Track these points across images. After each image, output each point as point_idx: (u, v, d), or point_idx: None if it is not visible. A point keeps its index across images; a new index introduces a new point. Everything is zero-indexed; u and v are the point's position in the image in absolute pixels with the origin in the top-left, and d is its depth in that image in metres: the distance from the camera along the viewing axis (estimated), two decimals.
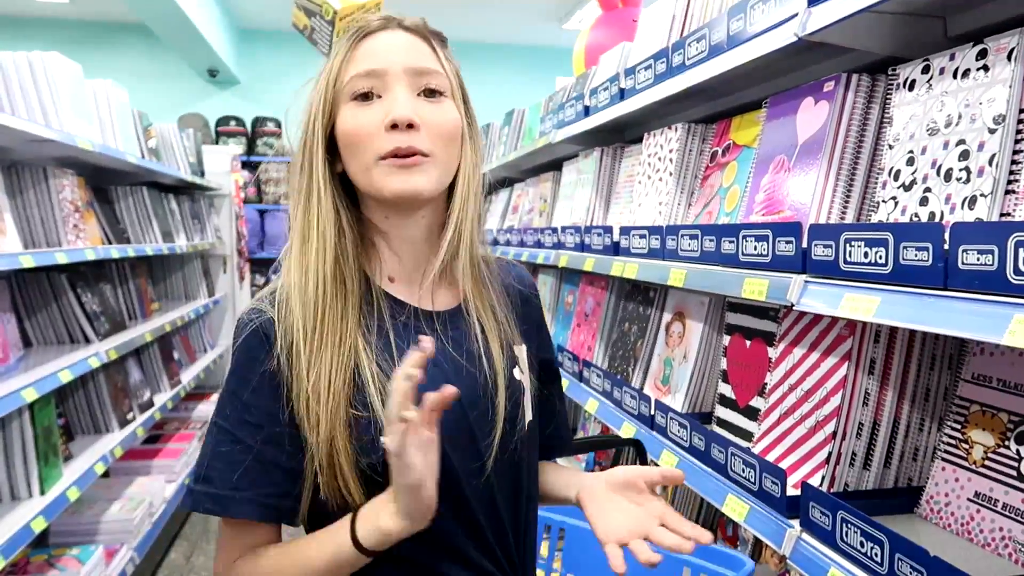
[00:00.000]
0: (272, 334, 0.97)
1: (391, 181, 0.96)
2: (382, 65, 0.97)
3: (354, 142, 0.98)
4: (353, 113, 0.98)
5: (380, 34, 1.01)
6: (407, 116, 0.95)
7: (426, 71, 0.99)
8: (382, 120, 0.96)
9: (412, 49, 1.00)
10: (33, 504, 2.32)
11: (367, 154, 0.97)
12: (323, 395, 0.93)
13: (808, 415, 1.38)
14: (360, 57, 0.99)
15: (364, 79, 0.98)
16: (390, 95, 0.97)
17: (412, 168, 0.96)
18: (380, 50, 0.99)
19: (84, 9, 7.59)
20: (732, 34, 1.48)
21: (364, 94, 0.98)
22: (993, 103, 1.03)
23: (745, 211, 1.55)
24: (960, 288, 0.90)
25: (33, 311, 2.97)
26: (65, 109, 2.82)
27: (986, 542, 1.13)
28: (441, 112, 0.99)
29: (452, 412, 0.91)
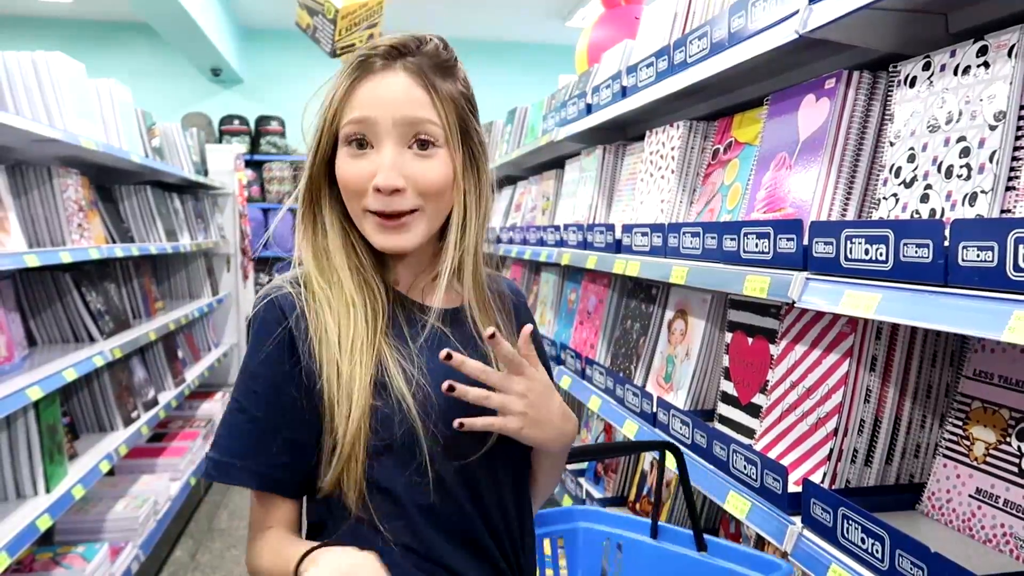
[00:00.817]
0: (288, 308, 1.00)
1: (378, 237, 1.01)
2: (374, 114, 0.99)
3: (346, 189, 1.02)
4: (346, 161, 1.01)
5: (380, 76, 1.01)
6: (390, 184, 0.98)
7: (418, 121, 0.99)
8: (370, 176, 0.99)
9: (407, 97, 1.00)
10: (38, 502, 2.33)
11: (357, 204, 1.02)
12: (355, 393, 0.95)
13: (810, 412, 1.38)
14: (358, 100, 1.00)
15: (357, 125, 1.00)
16: (380, 150, 0.99)
17: (398, 228, 1.01)
18: (375, 98, 1.00)
19: (87, 8, 7.60)
20: (733, 31, 1.48)
21: (358, 141, 1.00)
22: (994, 100, 1.03)
23: (747, 208, 1.56)
24: (960, 285, 0.90)
25: (38, 310, 2.98)
26: (69, 109, 2.82)
27: (987, 538, 1.13)
28: (430, 168, 1.00)
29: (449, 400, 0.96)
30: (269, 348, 0.98)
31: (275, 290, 1.02)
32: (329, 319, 0.99)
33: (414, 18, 7.99)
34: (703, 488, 1.49)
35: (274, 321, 0.99)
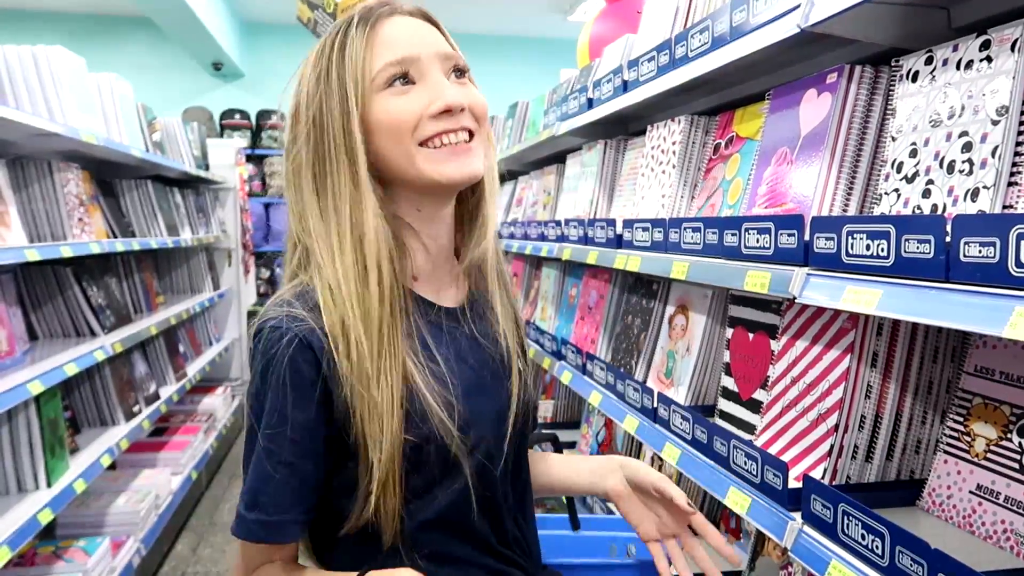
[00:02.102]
0: (316, 345, 0.92)
1: (446, 167, 0.95)
2: (414, 51, 0.95)
3: (397, 129, 0.94)
4: (393, 101, 0.95)
5: (393, 19, 0.98)
6: (461, 101, 0.95)
7: (451, 54, 0.99)
8: (426, 106, 0.94)
9: (429, 33, 0.99)
10: (40, 496, 2.33)
11: (410, 142, 0.95)
12: (386, 417, 0.91)
13: (810, 408, 1.38)
14: (383, 44, 0.95)
15: (398, 66, 0.95)
16: (430, 81, 0.96)
17: (465, 152, 0.96)
18: (403, 35, 0.97)
19: (88, 2, 7.59)
20: (735, 25, 1.48)
21: (402, 77, 0.95)
22: (996, 94, 1.02)
23: (748, 203, 1.55)
24: (962, 280, 0.89)
25: (39, 304, 2.98)
26: (69, 103, 2.82)
27: (988, 535, 1.13)
28: (475, 93, 1.00)
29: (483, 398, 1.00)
30: (307, 392, 0.91)
31: (294, 322, 0.92)
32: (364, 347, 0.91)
33: None
34: (703, 483, 1.49)
35: (305, 362, 0.91)
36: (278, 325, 0.92)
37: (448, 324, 1.03)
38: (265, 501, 0.92)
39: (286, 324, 0.92)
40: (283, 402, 0.91)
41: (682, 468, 1.57)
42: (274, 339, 0.92)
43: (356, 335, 0.91)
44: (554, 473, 1.22)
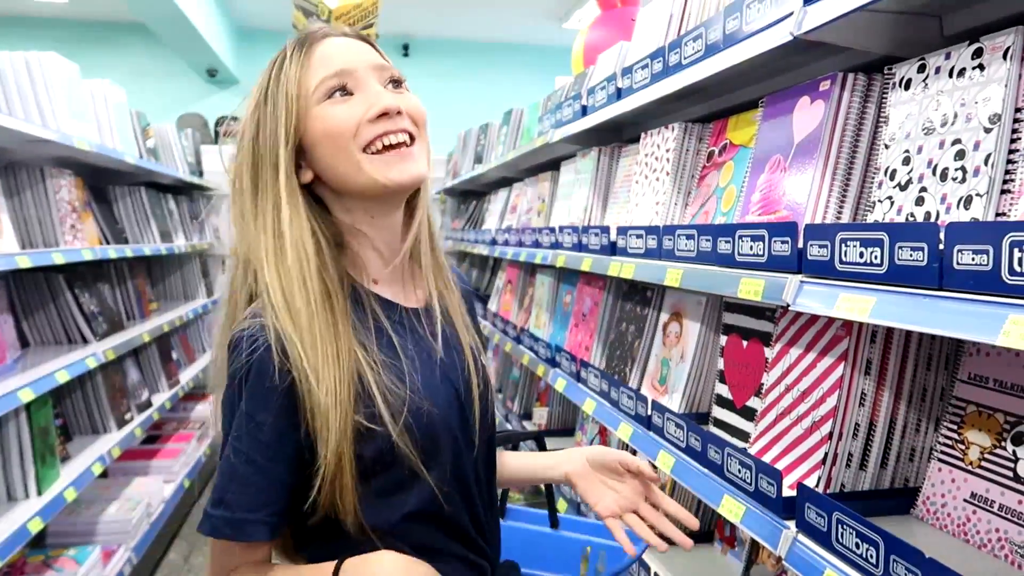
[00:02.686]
0: (281, 351, 0.95)
1: (390, 172, 0.99)
2: (349, 64, 1.00)
3: (339, 137, 0.98)
4: (331, 111, 0.99)
5: (328, 40, 1.03)
6: (396, 104, 0.99)
7: (386, 66, 1.04)
8: (364, 112, 0.98)
9: (365, 49, 1.04)
10: (30, 505, 2.31)
11: (354, 149, 0.98)
12: (332, 410, 0.93)
13: (804, 416, 1.37)
14: (319, 62, 1.00)
15: (335, 78, 0.99)
16: (366, 89, 1.00)
17: (408, 156, 1.00)
18: (338, 52, 1.02)
19: (82, 9, 7.59)
20: (728, 33, 1.48)
21: (340, 89, 1.00)
22: (989, 102, 1.02)
23: (741, 211, 1.55)
24: (955, 288, 0.89)
25: (30, 311, 2.97)
26: (62, 109, 2.81)
27: (982, 543, 1.12)
28: (413, 99, 1.04)
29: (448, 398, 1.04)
30: (272, 396, 0.94)
31: (260, 331, 0.96)
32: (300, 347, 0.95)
33: (409, 19, 8.00)
34: (698, 492, 1.48)
35: (272, 366, 0.94)
36: (250, 334, 0.96)
37: (413, 324, 1.07)
38: (231, 499, 0.95)
39: (255, 333, 0.96)
40: (251, 405, 0.95)
41: (676, 476, 1.57)
42: (244, 347, 0.96)
43: (291, 337, 0.95)
44: (514, 464, 1.27)
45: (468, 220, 5.01)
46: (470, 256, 5.28)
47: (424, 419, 0.99)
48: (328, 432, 0.93)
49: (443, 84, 8.74)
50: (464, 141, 4.98)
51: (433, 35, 8.62)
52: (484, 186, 4.73)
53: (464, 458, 1.05)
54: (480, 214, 4.70)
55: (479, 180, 4.43)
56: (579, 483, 1.18)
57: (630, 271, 1.84)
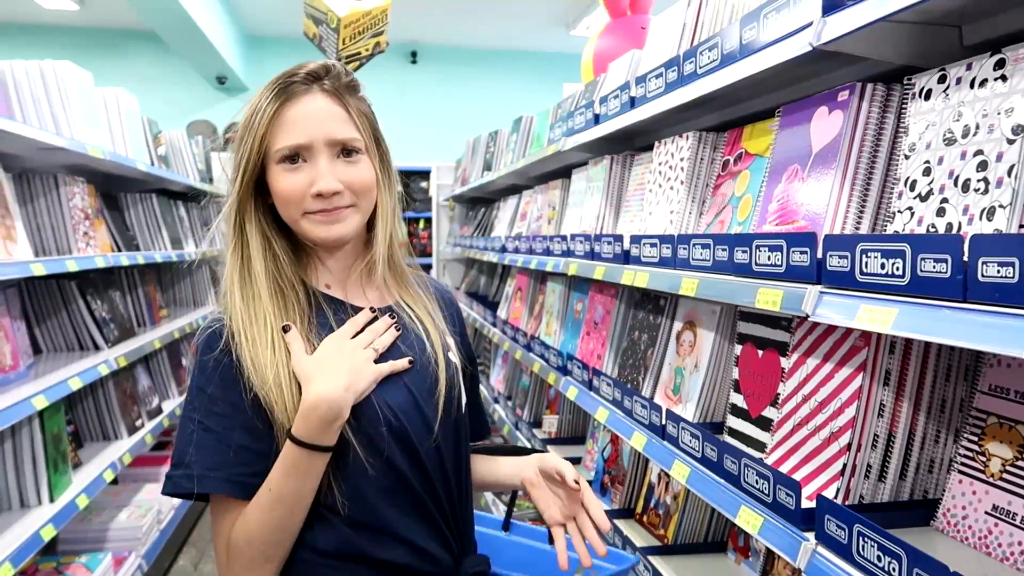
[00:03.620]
0: (225, 336, 1.11)
1: (319, 231, 1.15)
2: (306, 140, 1.13)
3: (285, 201, 1.15)
4: (283, 176, 1.14)
5: (302, 100, 1.14)
6: (331, 188, 1.13)
7: (341, 140, 1.15)
8: (308, 186, 1.13)
9: (329, 118, 1.15)
10: (42, 512, 2.32)
11: (296, 211, 1.15)
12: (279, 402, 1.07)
13: (822, 426, 1.37)
14: (286, 125, 1.14)
15: (292, 149, 1.13)
16: (315, 164, 1.14)
17: (336, 219, 1.15)
18: (303, 121, 1.14)
19: (93, 16, 7.63)
20: (745, 43, 1.48)
21: (291, 159, 1.14)
22: (1012, 113, 1.02)
23: (758, 220, 1.55)
24: (980, 300, 0.89)
25: (43, 318, 2.98)
26: (76, 117, 2.83)
27: (1004, 556, 1.11)
28: (358, 171, 1.16)
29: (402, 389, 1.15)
30: (220, 372, 1.08)
31: (215, 322, 1.14)
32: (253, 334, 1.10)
33: (418, 27, 8.02)
34: (713, 502, 1.48)
35: (218, 349, 1.09)
36: (207, 325, 1.15)
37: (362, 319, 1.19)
38: (190, 460, 1.07)
39: (207, 324, 1.15)
40: (203, 380, 1.09)
41: (692, 486, 1.56)
42: (199, 334, 1.15)
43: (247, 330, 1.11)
44: (483, 469, 1.34)
45: (477, 227, 5.02)
46: (479, 263, 5.29)
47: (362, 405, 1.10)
48: (281, 419, 1.06)
49: (450, 91, 8.76)
50: (473, 148, 4.99)
51: (440, 42, 8.64)
52: (493, 193, 4.73)
53: (415, 446, 1.13)
54: (489, 221, 4.70)
55: (488, 187, 4.44)
56: (531, 491, 1.24)
57: (644, 280, 1.83)
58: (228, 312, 1.14)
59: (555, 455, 1.25)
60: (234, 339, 1.10)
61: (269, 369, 1.07)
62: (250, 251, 1.17)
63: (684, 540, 2.03)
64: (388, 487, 1.12)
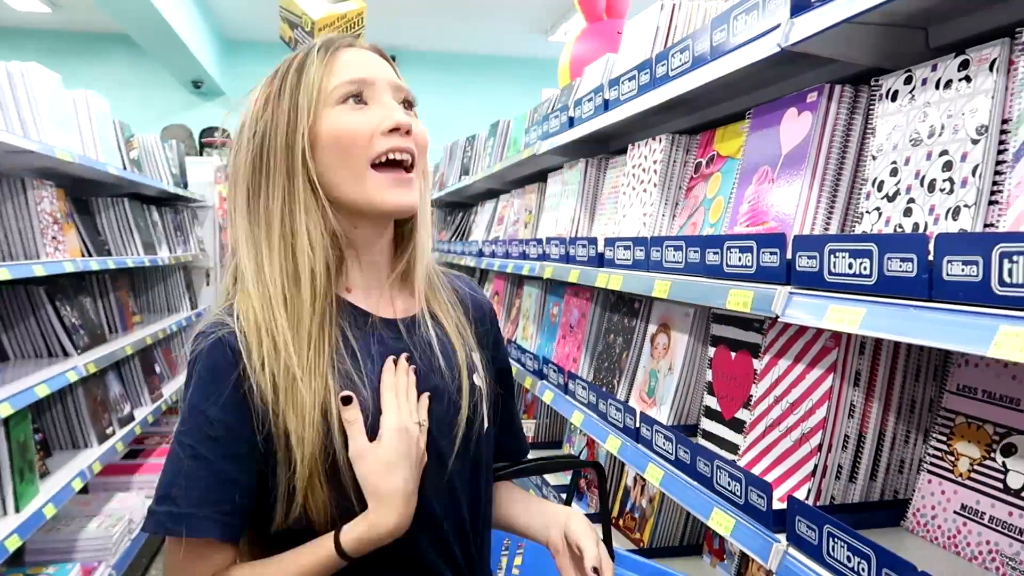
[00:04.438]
0: (238, 348, 0.95)
1: (388, 195, 0.99)
2: (370, 75, 1.01)
3: (348, 143, 0.98)
4: (347, 115, 0.99)
5: (353, 49, 1.04)
6: (408, 122, 1.01)
7: (402, 87, 1.05)
8: (378, 124, 0.99)
9: (385, 66, 1.06)
10: (7, 522, 2.27)
11: (361, 158, 0.98)
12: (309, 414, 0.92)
13: (794, 427, 1.37)
14: (342, 67, 1.01)
15: (354, 85, 1.00)
16: (381, 103, 1.01)
17: (406, 184, 1.01)
18: (361, 62, 1.03)
19: (66, 19, 7.54)
20: (715, 45, 1.48)
21: (356, 96, 1.00)
22: (976, 114, 1.03)
23: (729, 222, 1.55)
24: (945, 299, 0.89)
25: (10, 324, 2.92)
26: (44, 119, 2.78)
27: (973, 555, 1.12)
28: (420, 125, 1.05)
29: None
30: (223, 391, 0.93)
31: (218, 327, 0.96)
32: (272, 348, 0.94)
33: (396, 32, 8.01)
34: (687, 504, 1.47)
35: (225, 362, 0.94)
36: (205, 332, 0.97)
37: (386, 335, 1.05)
38: (176, 494, 0.92)
39: (210, 329, 0.97)
40: (200, 398, 0.94)
41: (665, 489, 1.56)
42: (198, 343, 0.97)
43: (283, 335, 0.94)
44: (516, 511, 1.21)
45: (455, 231, 5.00)
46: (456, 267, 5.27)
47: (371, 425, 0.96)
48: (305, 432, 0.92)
49: (429, 96, 8.75)
50: (451, 152, 4.97)
51: (419, 47, 8.63)
52: (470, 197, 4.72)
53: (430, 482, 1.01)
54: (467, 225, 4.69)
55: (465, 192, 4.42)
56: (557, 558, 1.11)
57: (618, 282, 1.83)
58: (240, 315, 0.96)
59: (583, 521, 1.13)
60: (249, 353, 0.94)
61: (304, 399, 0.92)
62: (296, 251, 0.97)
63: (660, 543, 2.02)
64: None
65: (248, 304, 0.97)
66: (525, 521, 1.19)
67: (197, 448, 0.93)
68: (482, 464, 1.10)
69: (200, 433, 0.93)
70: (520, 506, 1.21)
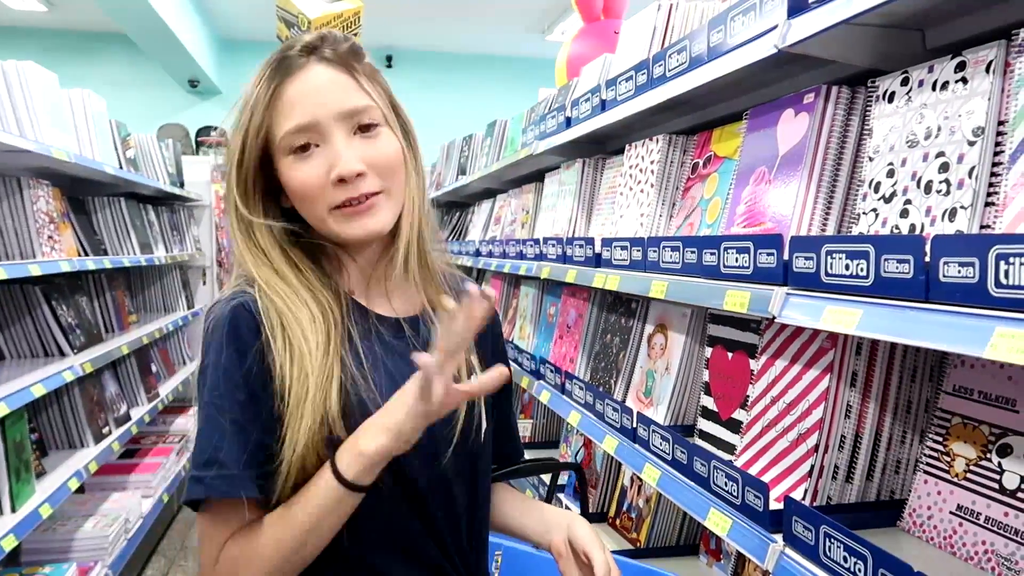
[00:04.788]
0: (255, 310, 0.97)
1: (350, 228, 1.00)
2: (312, 118, 0.98)
3: (304, 197, 1.00)
4: (296, 168, 0.99)
5: (300, 76, 1.00)
6: (353, 169, 0.97)
7: (356, 111, 1.00)
8: (327, 173, 0.98)
9: (336, 88, 1.00)
10: (4, 522, 2.26)
11: (319, 207, 0.99)
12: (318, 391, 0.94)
13: (790, 428, 1.37)
14: (286, 107, 0.99)
15: (298, 135, 0.98)
16: (329, 145, 0.98)
17: (367, 212, 1.00)
18: (306, 98, 0.98)
19: (62, 18, 7.52)
20: (712, 46, 1.48)
21: (302, 147, 0.99)
22: (972, 115, 1.03)
23: (726, 223, 1.55)
24: (942, 301, 0.89)
25: (6, 324, 2.92)
26: (41, 119, 2.77)
27: (969, 555, 1.12)
28: (381, 146, 1.01)
29: None
30: (247, 354, 0.94)
31: (240, 294, 0.99)
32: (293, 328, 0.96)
33: (393, 31, 8.00)
34: (683, 504, 1.47)
35: (247, 327, 0.96)
36: (223, 300, 0.99)
37: (386, 332, 1.05)
38: (223, 457, 0.92)
39: (230, 296, 0.99)
40: (228, 360, 0.94)
41: (662, 489, 1.56)
42: (218, 309, 0.98)
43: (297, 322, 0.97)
44: (515, 514, 1.20)
45: (452, 231, 5.00)
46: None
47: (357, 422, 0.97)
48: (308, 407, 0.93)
49: (426, 95, 8.74)
50: (447, 152, 4.97)
51: (417, 46, 8.62)
52: (467, 197, 4.72)
53: (423, 473, 1.01)
54: (464, 225, 4.69)
55: (462, 191, 4.42)
56: (560, 562, 1.11)
57: (615, 283, 1.83)
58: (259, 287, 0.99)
59: (585, 526, 1.13)
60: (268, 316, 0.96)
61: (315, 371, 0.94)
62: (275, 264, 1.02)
63: (657, 543, 2.02)
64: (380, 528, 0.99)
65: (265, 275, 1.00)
66: (522, 523, 1.19)
67: (233, 411, 0.93)
68: (479, 462, 1.10)
69: (232, 397, 0.93)
70: (517, 508, 1.21)
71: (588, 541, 1.09)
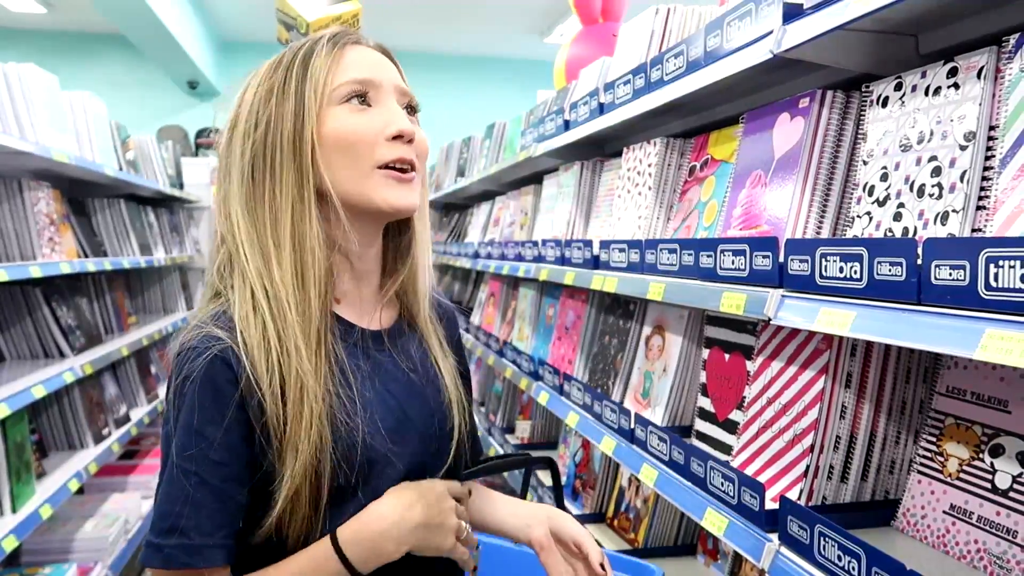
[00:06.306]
0: (234, 362, 0.91)
1: (390, 194, 0.97)
2: (376, 76, 0.99)
3: (352, 145, 0.96)
4: (351, 117, 0.97)
5: (360, 47, 1.02)
6: (412, 130, 0.99)
7: (407, 91, 1.04)
8: (382, 128, 0.98)
9: (392, 68, 1.04)
10: (4, 522, 2.27)
11: (365, 161, 0.97)
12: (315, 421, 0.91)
13: (786, 428, 1.38)
14: (348, 65, 0.99)
15: (359, 84, 0.98)
16: (386, 106, 1.00)
17: (408, 184, 0.99)
18: (367, 61, 1.01)
19: (61, 19, 7.53)
20: (709, 50, 1.50)
21: (361, 96, 0.98)
22: (964, 120, 1.04)
23: (723, 225, 1.57)
24: (933, 303, 0.91)
25: (7, 325, 2.93)
26: (41, 121, 2.79)
27: (961, 554, 1.13)
28: (421, 132, 1.04)
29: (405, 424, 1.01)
30: (226, 411, 0.90)
31: (212, 341, 0.91)
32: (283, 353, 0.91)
33: (392, 33, 8.01)
34: (681, 504, 1.49)
35: (225, 381, 0.90)
36: (195, 346, 0.92)
37: (371, 347, 1.04)
38: (186, 525, 0.88)
39: (203, 344, 0.91)
40: (201, 421, 0.89)
41: (659, 489, 1.57)
42: (190, 359, 0.91)
43: (293, 340, 0.92)
44: (489, 510, 1.21)
45: (450, 233, 5.01)
46: (452, 269, 5.28)
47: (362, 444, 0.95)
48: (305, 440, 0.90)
49: (425, 97, 8.68)
50: (447, 154, 4.99)
51: (415, 48, 8.64)
52: (466, 199, 4.74)
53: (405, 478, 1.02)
54: (462, 227, 4.70)
55: (461, 193, 4.44)
56: (543, 554, 1.11)
57: (613, 285, 1.85)
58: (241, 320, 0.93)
59: (570, 519, 1.16)
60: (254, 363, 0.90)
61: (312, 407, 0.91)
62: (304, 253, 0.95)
63: (655, 544, 2.04)
64: None
65: (249, 308, 0.94)
66: (499, 519, 1.19)
67: (202, 474, 0.89)
68: (459, 469, 1.14)
69: (203, 458, 0.89)
70: (491, 505, 1.21)
71: (578, 532, 1.11)
